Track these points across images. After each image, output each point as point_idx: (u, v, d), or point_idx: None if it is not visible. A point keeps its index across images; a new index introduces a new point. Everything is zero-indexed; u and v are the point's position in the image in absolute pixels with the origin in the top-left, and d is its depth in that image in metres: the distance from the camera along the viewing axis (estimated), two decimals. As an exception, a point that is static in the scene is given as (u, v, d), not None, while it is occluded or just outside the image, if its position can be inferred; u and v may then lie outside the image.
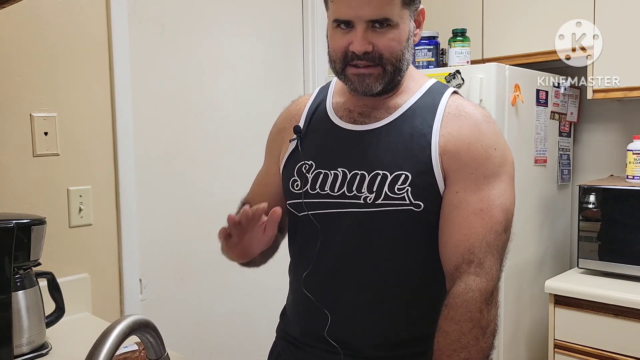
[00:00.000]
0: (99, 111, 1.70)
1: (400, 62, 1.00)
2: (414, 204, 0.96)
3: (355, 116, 1.05)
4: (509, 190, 0.99)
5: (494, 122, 1.03)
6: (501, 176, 0.98)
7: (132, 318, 0.67)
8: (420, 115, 1.01)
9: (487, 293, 0.94)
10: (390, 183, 0.97)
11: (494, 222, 0.96)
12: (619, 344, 1.80)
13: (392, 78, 1.00)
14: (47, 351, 1.35)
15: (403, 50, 0.99)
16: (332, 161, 1.03)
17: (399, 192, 0.97)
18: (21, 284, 1.32)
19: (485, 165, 0.97)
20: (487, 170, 0.97)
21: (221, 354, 2.13)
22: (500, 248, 0.96)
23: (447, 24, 2.26)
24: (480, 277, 0.94)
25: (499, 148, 0.99)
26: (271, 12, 2.29)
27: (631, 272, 1.92)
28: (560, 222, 2.37)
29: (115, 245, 1.75)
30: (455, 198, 0.97)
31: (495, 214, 0.96)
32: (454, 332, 0.92)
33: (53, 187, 1.61)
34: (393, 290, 1.01)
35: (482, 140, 0.98)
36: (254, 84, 2.22)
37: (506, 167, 1.00)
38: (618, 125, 2.32)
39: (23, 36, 1.55)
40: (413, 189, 0.96)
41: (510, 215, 0.99)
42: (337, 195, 1.01)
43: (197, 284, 2.06)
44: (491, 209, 0.96)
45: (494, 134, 1.00)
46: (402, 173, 0.97)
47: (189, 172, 2.03)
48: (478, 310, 0.92)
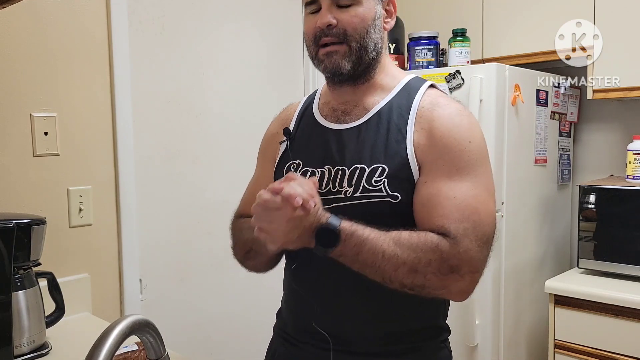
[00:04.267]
0: (99, 111, 1.70)
1: (364, 40, 1.02)
2: (391, 195, 0.98)
3: (338, 114, 1.09)
4: (485, 185, 0.98)
5: (470, 115, 1.03)
6: (477, 169, 0.97)
7: (132, 318, 0.67)
8: (396, 110, 1.03)
9: (447, 262, 0.91)
10: (368, 176, 0.99)
11: (470, 212, 0.94)
12: (619, 344, 1.80)
13: (360, 57, 1.03)
14: (47, 351, 1.35)
15: (367, 28, 1.02)
16: (318, 159, 1.06)
17: (376, 184, 0.98)
18: (21, 284, 1.32)
19: (459, 157, 0.97)
20: (461, 163, 0.97)
21: (221, 354, 2.13)
22: (482, 238, 0.93)
23: (447, 24, 2.26)
24: (451, 247, 0.91)
25: (474, 141, 0.99)
26: (271, 12, 2.29)
27: (631, 272, 1.92)
28: (560, 222, 2.37)
29: (115, 245, 1.75)
30: (424, 188, 0.97)
31: (471, 204, 0.94)
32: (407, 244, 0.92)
33: (53, 187, 1.61)
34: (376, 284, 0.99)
35: (456, 133, 0.98)
36: (254, 84, 2.22)
37: (481, 161, 0.99)
38: (618, 125, 2.32)
39: (23, 36, 1.55)
40: (389, 180, 0.98)
41: (489, 209, 0.97)
42: (324, 192, 1.03)
43: (197, 284, 2.06)
44: (466, 198, 0.95)
45: (468, 126, 1.00)
46: (379, 166, 0.99)
47: (189, 172, 2.03)
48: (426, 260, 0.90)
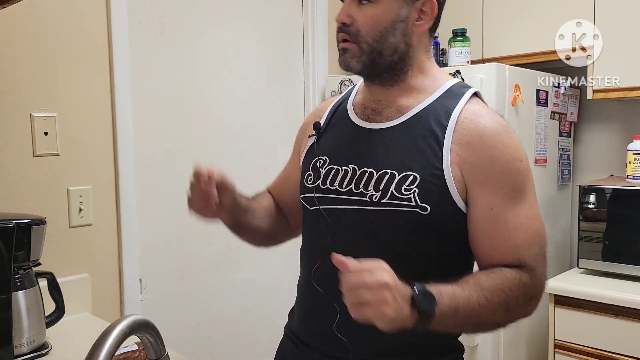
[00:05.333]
0: (99, 111, 1.70)
1: (377, 44, 0.98)
2: (420, 206, 0.93)
3: (369, 113, 1.05)
4: (535, 201, 0.98)
5: (514, 132, 0.99)
6: (529, 188, 0.97)
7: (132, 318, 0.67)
8: (434, 116, 0.98)
9: (529, 293, 0.93)
10: (398, 183, 0.95)
11: (534, 235, 0.95)
12: (619, 344, 1.80)
13: (372, 59, 0.99)
14: (47, 351, 1.35)
15: (382, 31, 0.97)
16: (344, 157, 1.03)
17: (406, 192, 0.94)
18: (21, 284, 1.32)
19: (515, 179, 0.95)
20: (518, 184, 0.95)
21: (221, 354, 2.13)
22: (545, 259, 0.96)
23: (447, 24, 2.24)
24: (530, 278, 0.93)
25: (524, 160, 0.97)
26: (271, 11, 2.29)
27: (631, 272, 1.92)
28: (560, 222, 2.37)
29: (115, 245, 1.75)
30: (490, 214, 0.94)
31: (533, 226, 0.95)
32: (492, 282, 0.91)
33: (53, 187, 1.61)
34: None
35: (507, 153, 0.95)
36: (254, 84, 2.22)
37: (530, 177, 0.98)
38: (618, 125, 2.32)
39: (23, 36, 1.55)
40: (420, 190, 0.93)
41: (543, 226, 0.98)
42: (344, 191, 1.00)
43: (197, 284, 2.06)
44: (528, 222, 0.95)
45: (517, 145, 0.97)
46: (410, 174, 0.95)
47: (189, 172, 2.02)
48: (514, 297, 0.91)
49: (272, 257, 2.29)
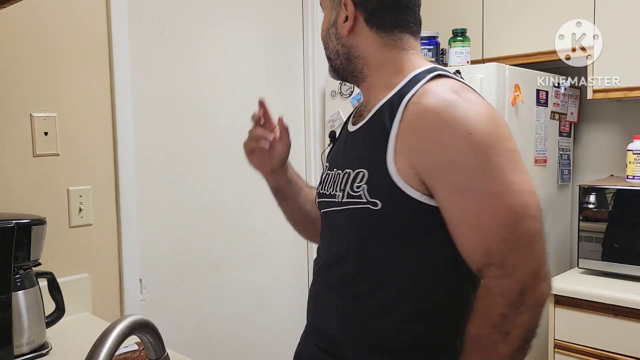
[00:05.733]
0: (99, 111, 1.70)
1: (327, 51, 1.07)
2: (371, 202, 0.91)
3: (357, 117, 1.06)
4: (512, 170, 0.85)
5: (463, 105, 0.87)
6: (493, 160, 0.85)
7: (132, 318, 0.66)
8: (389, 108, 0.94)
9: (513, 296, 0.84)
10: (352, 181, 0.95)
11: (505, 213, 0.84)
12: (619, 344, 1.80)
13: (332, 65, 1.08)
14: (47, 351, 1.35)
15: (325, 39, 1.07)
16: (333, 163, 1.07)
17: (357, 190, 0.93)
18: (21, 284, 1.32)
19: (466, 155, 0.85)
20: (472, 160, 0.85)
21: (221, 354, 2.13)
22: (524, 239, 0.84)
23: (447, 24, 2.26)
24: (502, 280, 0.84)
25: (476, 129, 0.85)
26: (271, 12, 2.29)
27: (631, 272, 1.92)
28: (560, 222, 2.37)
29: (115, 245, 1.75)
30: (451, 202, 0.87)
31: (504, 203, 0.84)
32: (474, 332, 0.88)
33: (53, 187, 1.61)
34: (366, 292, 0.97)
35: (451, 128, 0.85)
36: (253, 84, 2.22)
37: (496, 147, 0.85)
38: (618, 125, 2.32)
39: (23, 36, 1.55)
40: (369, 186, 0.92)
41: (528, 198, 0.85)
42: (328, 194, 1.04)
43: (197, 284, 2.06)
44: (496, 199, 0.84)
45: (463, 115, 0.86)
46: (361, 171, 0.94)
47: (189, 172, 2.03)
48: (499, 315, 0.84)
49: (272, 257, 2.29)
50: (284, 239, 2.29)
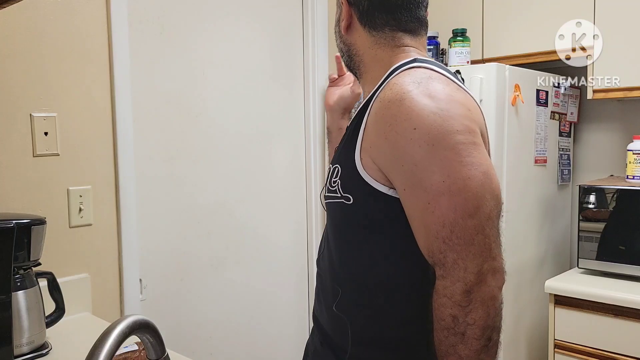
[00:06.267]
0: (99, 111, 1.70)
1: (338, 47, 1.10)
2: (344, 196, 0.94)
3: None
4: (457, 165, 0.83)
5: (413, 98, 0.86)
6: (436, 156, 0.83)
7: (132, 318, 0.67)
8: (365, 103, 0.98)
9: (458, 295, 0.83)
10: (331, 176, 0.99)
11: (445, 212, 0.83)
12: (619, 344, 1.80)
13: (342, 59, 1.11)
14: (47, 351, 1.35)
15: (335, 36, 1.09)
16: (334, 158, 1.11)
17: (333, 184, 0.97)
18: (21, 284, 1.32)
19: (410, 152, 0.84)
20: (415, 156, 0.84)
21: (221, 354, 2.13)
22: (465, 237, 0.82)
23: (447, 24, 2.26)
24: (445, 280, 0.84)
25: (419, 125, 0.84)
26: (271, 12, 2.29)
27: (631, 272, 1.92)
28: (560, 222, 2.37)
29: (115, 245, 1.75)
30: (403, 196, 0.88)
31: (444, 202, 0.83)
32: (435, 339, 0.88)
33: (53, 187, 1.61)
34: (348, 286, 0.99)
35: (396, 126, 0.86)
36: (253, 84, 2.22)
37: (441, 141, 0.83)
38: (618, 125, 2.32)
39: (23, 36, 1.55)
40: (342, 181, 0.95)
41: (470, 194, 0.82)
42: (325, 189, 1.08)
43: (197, 284, 2.06)
44: (437, 198, 0.83)
45: (408, 112, 0.85)
46: (337, 166, 0.98)
47: (189, 172, 2.03)
48: (449, 316, 0.84)
49: (272, 257, 2.29)
50: (284, 239, 2.29)
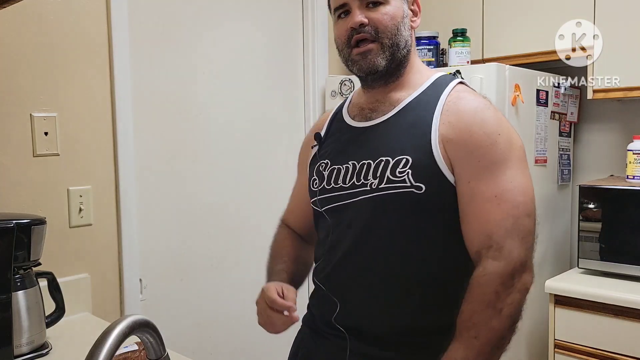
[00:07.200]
0: (99, 111, 1.70)
1: (396, 37, 1.06)
2: (415, 185, 0.99)
3: (366, 113, 1.12)
4: (522, 173, 1.00)
5: (496, 109, 1.05)
6: (510, 161, 1.00)
7: (132, 318, 0.66)
8: (423, 105, 1.05)
9: (506, 276, 0.95)
10: (392, 167, 1.01)
11: (510, 207, 0.97)
12: (619, 344, 1.80)
13: (392, 54, 1.07)
14: (47, 351, 1.35)
15: (398, 25, 1.06)
16: (344, 157, 1.10)
17: (400, 175, 1.00)
18: (21, 284, 1.32)
19: (491, 152, 0.99)
20: (495, 156, 0.99)
21: (221, 354, 2.13)
22: (522, 232, 0.97)
23: (447, 24, 2.26)
24: (498, 261, 0.96)
25: (502, 133, 1.01)
26: (271, 12, 2.29)
27: (631, 272, 1.92)
28: (560, 222, 2.37)
29: (115, 245, 1.75)
30: (468, 188, 0.99)
31: (510, 199, 0.97)
32: (467, 311, 0.96)
33: (53, 187, 1.61)
34: (397, 277, 1.04)
35: (484, 127, 1.00)
36: (253, 84, 2.22)
37: (514, 151, 1.01)
38: (618, 125, 2.32)
39: (23, 36, 1.55)
40: (413, 171, 1.00)
41: (529, 199, 0.99)
42: (348, 186, 1.07)
43: (197, 284, 2.06)
44: (505, 194, 0.98)
45: (495, 120, 1.02)
46: (403, 157, 1.01)
47: (189, 172, 2.03)
48: (493, 292, 0.95)
49: (272, 257, 2.29)
50: (284, 239, 2.28)
